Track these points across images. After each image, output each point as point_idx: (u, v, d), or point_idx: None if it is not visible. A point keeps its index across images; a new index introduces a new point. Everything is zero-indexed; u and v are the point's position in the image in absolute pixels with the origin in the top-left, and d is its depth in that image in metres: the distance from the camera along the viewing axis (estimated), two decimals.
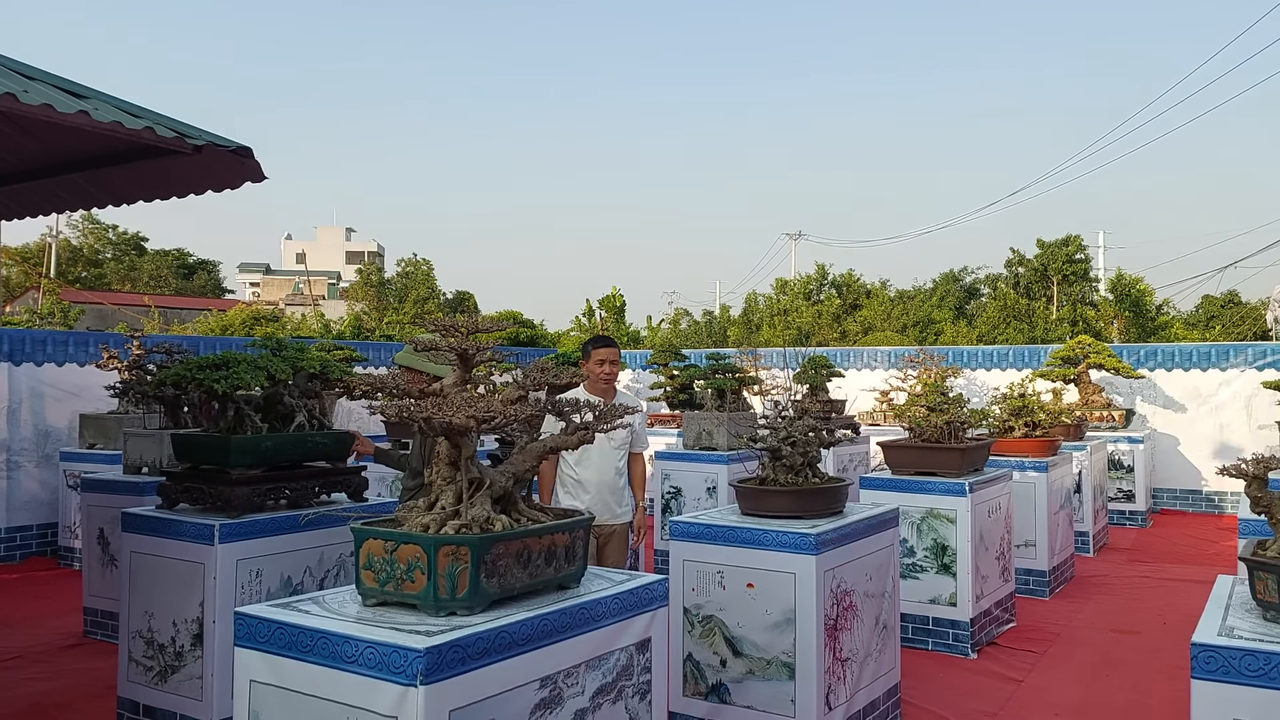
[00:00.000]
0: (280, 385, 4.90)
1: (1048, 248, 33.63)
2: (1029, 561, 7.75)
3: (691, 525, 4.48)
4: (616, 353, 5.36)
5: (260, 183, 4.68)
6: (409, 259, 41.20)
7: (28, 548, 9.41)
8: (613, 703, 2.94)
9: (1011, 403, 8.30)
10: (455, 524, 2.69)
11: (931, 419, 6.48)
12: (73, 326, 22.94)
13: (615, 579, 3.13)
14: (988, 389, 13.57)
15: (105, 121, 3.77)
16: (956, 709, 5.21)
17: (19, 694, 5.44)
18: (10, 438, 9.40)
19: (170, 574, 4.58)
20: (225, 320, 25.78)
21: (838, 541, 4.35)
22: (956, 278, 39.06)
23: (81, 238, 46.28)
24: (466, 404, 2.72)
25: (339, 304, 45.77)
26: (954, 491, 6.16)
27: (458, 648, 2.41)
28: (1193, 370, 12.95)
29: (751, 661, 4.29)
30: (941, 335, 30.74)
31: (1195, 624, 6.84)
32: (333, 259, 70.54)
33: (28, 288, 35.54)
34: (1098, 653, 6.28)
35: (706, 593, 4.41)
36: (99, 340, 10.13)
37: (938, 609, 6.22)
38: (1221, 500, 12.47)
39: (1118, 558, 9.50)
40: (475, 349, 2.93)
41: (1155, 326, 28.15)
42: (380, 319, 31.94)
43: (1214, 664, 2.50)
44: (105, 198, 5.50)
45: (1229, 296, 33.64)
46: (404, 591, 2.66)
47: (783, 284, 39.85)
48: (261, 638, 2.62)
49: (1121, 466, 11.33)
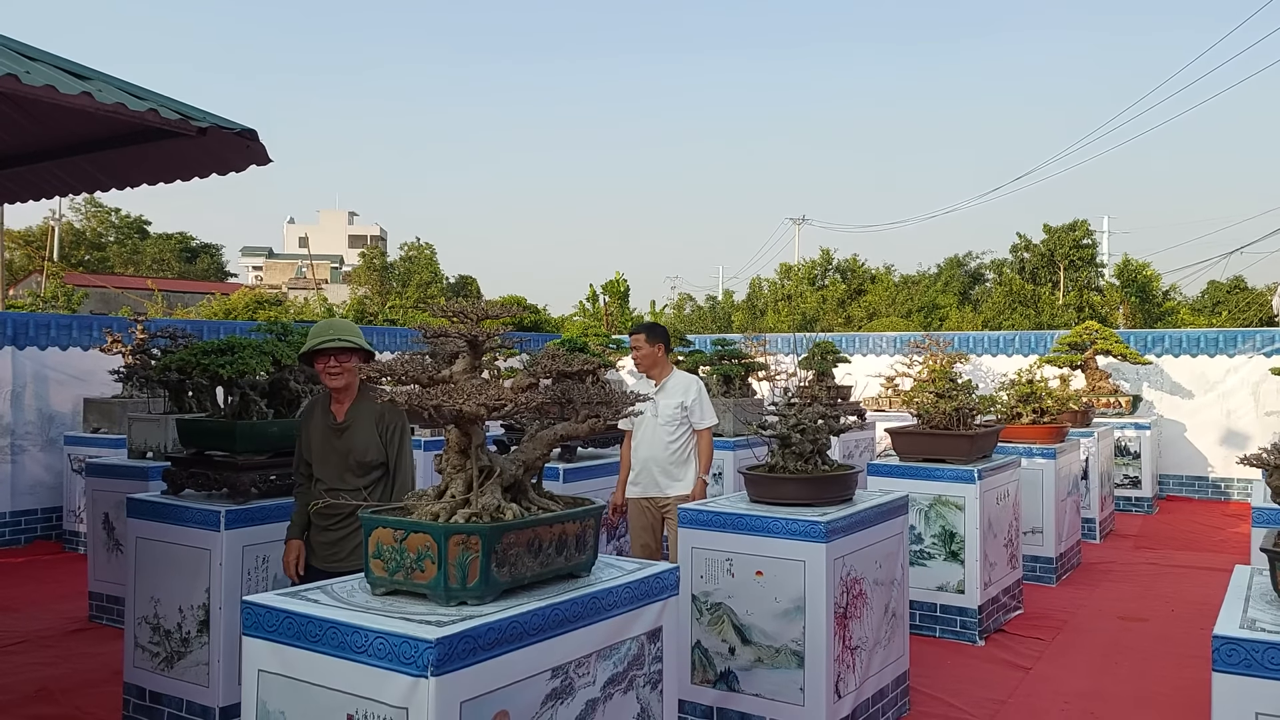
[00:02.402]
0: (285, 370, 4.87)
1: (1054, 233, 33.49)
2: (1036, 548, 7.72)
3: (700, 513, 4.45)
4: (637, 339, 5.74)
5: (265, 165, 4.62)
6: (412, 243, 41.13)
7: (32, 531, 9.42)
8: (624, 692, 2.91)
9: (1019, 389, 8.25)
10: (465, 512, 2.66)
11: (940, 406, 6.43)
12: (76, 310, 22.92)
13: (626, 568, 3.10)
14: (993, 375, 13.52)
15: (109, 103, 3.71)
16: (965, 697, 5.19)
17: (25, 679, 5.44)
18: (14, 422, 9.39)
19: (176, 560, 4.56)
20: (228, 304, 25.77)
21: (848, 529, 4.32)
22: (961, 263, 38.95)
23: (84, 221, 46.24)
24: (476, 391, 2.68)
25: (342, 288, 45.76)
26: (962, 478, 6.13)
27: (469, 638, 2.38)
28: (1200, 356, 12.89)
29: (760, 649, 4.27)
30: (946, 321, 30.65)
31: (1203, 611, 6.80)
32: (335, 243, 70.44)
33: (31, 271, 35.53)
34: (1105, 640, 6.26)
35: (715, 580, 4.38)
36: (103, 324, 10.11)
37: (946, 596, 6.20)
38: (1228, 486, 12.44)
39: (1124, 544, 9.47)
40: (485, 335, 2.89)
41: (1161, 312, 28.05)
42: (383, 303, 31.92)
43: (1235, 657, 2.47)
44: (109, 181, 5.44)
45: (1235, 282, 33.48)
46: (414, 581, 2.63)
47: (787, 269, 39.74)
48: (270, 627, 2.59)
49: (1128, 453, 11.30)
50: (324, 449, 4.04)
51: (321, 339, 3.95)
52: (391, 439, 4.04)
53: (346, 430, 4.01)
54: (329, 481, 4.01)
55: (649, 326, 5.79)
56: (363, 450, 3.99)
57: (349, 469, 4.00)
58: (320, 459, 4.05)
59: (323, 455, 4.04)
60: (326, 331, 3.98)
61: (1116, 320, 26.94)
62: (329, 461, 4.03)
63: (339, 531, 4.03)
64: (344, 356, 3.98)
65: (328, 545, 4.07)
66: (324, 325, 4.03)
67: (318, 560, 4.07)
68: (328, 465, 4.03)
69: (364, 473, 4.01)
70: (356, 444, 3.99)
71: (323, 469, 4.04)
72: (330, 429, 4.04)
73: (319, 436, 4.06)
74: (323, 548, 4.08)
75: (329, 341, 3.94)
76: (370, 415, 4.01)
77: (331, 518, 4.01)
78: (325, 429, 4.05)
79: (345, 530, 4.01)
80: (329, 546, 4.06)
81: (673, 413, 5.60)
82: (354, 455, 3.99)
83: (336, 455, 4.02)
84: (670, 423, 5.60)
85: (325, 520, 4.04)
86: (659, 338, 5.73)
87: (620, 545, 6.59)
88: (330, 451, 4.03)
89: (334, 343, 3.94)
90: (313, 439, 4.09)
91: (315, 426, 4.09)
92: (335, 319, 4.21)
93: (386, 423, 4.02)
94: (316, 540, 4.09)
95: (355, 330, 4.05)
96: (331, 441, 4.03)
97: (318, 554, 4.08)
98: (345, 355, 3.98)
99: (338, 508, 3.93)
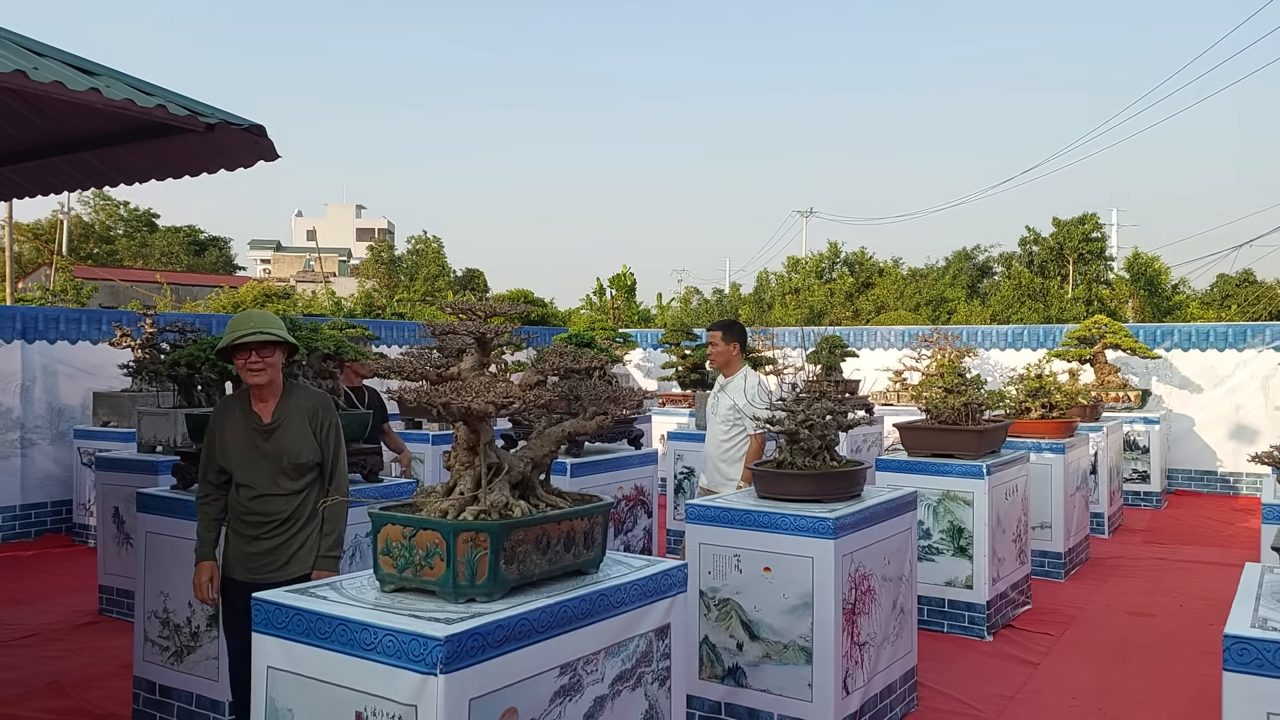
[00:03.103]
0: (295, 366, 4.87)
1: (1064, 226, 33.31)
2: (1045, 544, 7.70)
3: (708, 508, 4.45)
4: (714, 335, 5.86)
5: (273, 161, 4.63)
6: (419, 237, 41.11)
7: (42, 525, 9.46)
8: (632, 689, 2.91)
9: (1028, 384, 8.23)
10: (474, 510, 2.66)
11: (949, 401, 6.42)
12: (85, 304, 23.01)
13: (634, 564, 3.09)
14: (1002, 369, 13.48)
15: (116, 99, 3.72)
16: (974, 692, 5.19)
17: (36, 672, 5.47)
18: (24, 415, 9.43)
19: (186, 555, 4.54)
20: (237, 298, 25.78)
21: (856, 526, 4.31)
22: (969, 256, 38.79)
23: (93, 214, 46.34)
24: (485, 389, 2.67)
25: (350, 281, 45.81)
26: (971, 474, 6.11)
27: (477, 635, 2.38)
28: (1209, 350, 12.83)
29: (768, 645, 4.27)
30: (954, 314, 30.55)
31: (1212, 607, 6.75)
32: (343, 236, 70.57)
33: (40, 264, 35.65)
34: (1114, 636, 6.24)
35: (723, 576, 4.38)
36: (112, 318, 10.14)
37: (954, 591, 6.19)
38: (1237, 481, 12.39)
39: (1133, 539, 9.45)
40: (493, 333, 2.88)
41: (1170, 306, 27.92)
42: (391, 296, 31.94)
43: (1247, 656, 2.46)
44: (117, 176, 5.46)
45: (1244, 275, 33.27)
46: (422, 578, 2.63)
47: (794, 262, 39.63)
48: (279, 624, 2.60)
49: (1137, 447, 11.26)
50: (249, 453, 3.68)
51: (240, 333, 3.60)
52: (327, 437, 3.76)
53: (276, 431, 3.68)
54: (260, 487, 3.67)
55: (726, 325, 5.92)
56: (296, 451, 3.68)
57: (283, 472, 3.68)
58: (245, 464, 3.68)
59: (249, 459, 3.68)
60: (245, 324, 3.63)
61: (1125, 314, 26.82)
62: (257, 466, 3.68)
63: (274, 539, 3.70)
64: (266, 351, 3.63)
65: (260, 556, 3.70)
66: (243, 318, 3.67)
67: (245, 573, 3.70)
68: (256, 470, 3.68)
69: (299, 475, 3.71)
70: (289, 445, 3.68)
71: (250, 474, 3.68)
72: (255, 430, 3.68)
73: (241, 440, 3.69)
74: (253, 559, 3.71)
75: (249, 335, 3.59)
76: (302, 413, 3.72)
77: (265, 525, 3.69)
78: (249, 431, 3.69)
79: (282, 537, 3.70)
80: (262, 557, 3.70)
81: (727, 412, 5.70)
82: (288, 457, 3.67)
83: (266, 459, 3.67)
84: (725, 421, 5.70)
85: (256, 529, 3.69)
86: (734, 336, 5.85)
87: (628, 539, 6.60)
88: (258, 455, 3.68)
89: (255, 336, 3.59)
90: (232, 443, 3.70)
91: (234, 429, 3.71)
92: (254, 311, 3.82)
93: (320, 420, 3.75)
94: (245, 551, 3.72)
95: (277, 322, 3.71)
96: (258, 444, 3.68)
97: (245, 566, 3.72)
98: (268, 350, 3.64)
99: (270, 514, 3.66)
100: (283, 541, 3.70)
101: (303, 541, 3.72)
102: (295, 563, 3.70)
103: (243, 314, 3.71)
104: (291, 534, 3.71)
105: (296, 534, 3.72)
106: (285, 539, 3.70)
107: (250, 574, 3.68)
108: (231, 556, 3.78)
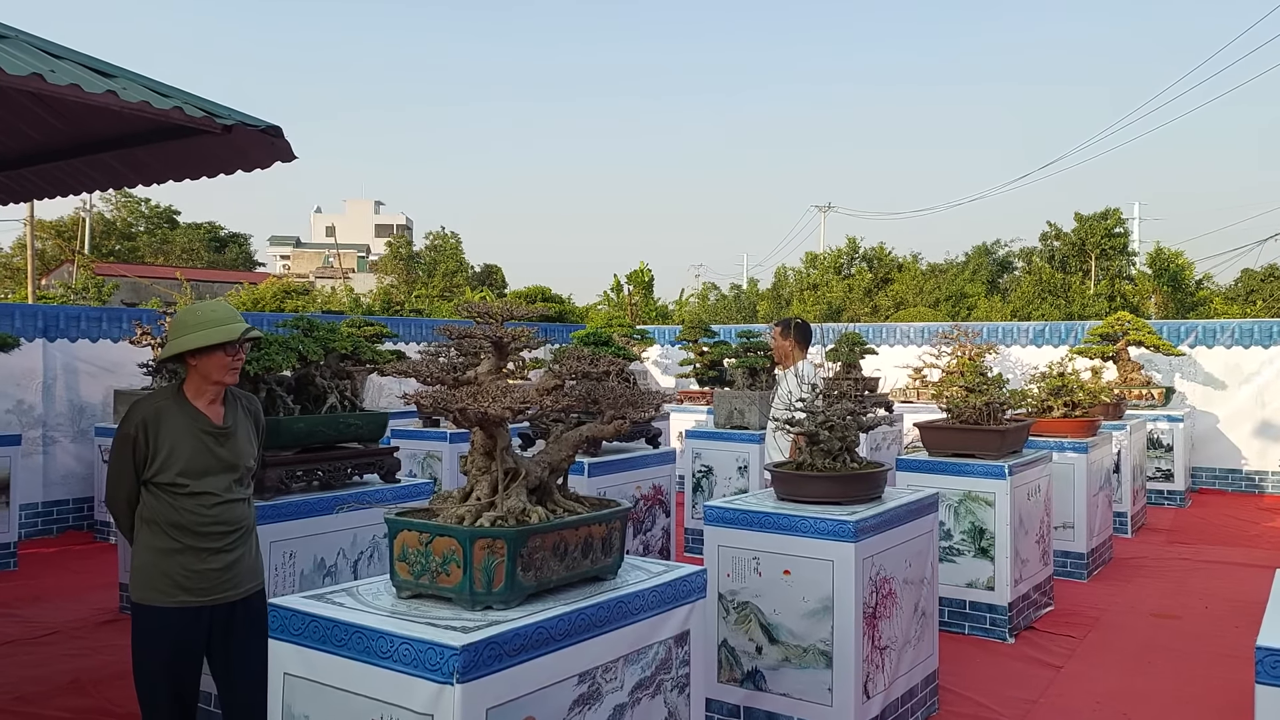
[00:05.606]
0: (312, 366, 4.87)
1: (1086, 221, 33.03)
2: (1067, 544, 7.62)
3: (727, 510, 4.41)
4: (775, 331, 6.54)
5: (290, 162, 4.62)
6: (437, 232, 41.29)
7: (64, 522, 9.53)
8: (651, 696, 2.88)
9: (1051, 382, 8.14)
10: (491, 515, 2.63)
11: (970, 400, 6.35)
12: (107, 301, 23.19)
13: (653, 570, 3.06)
14: (1023, 366, 13.36)
15: (133, 101, 3.72)
16: (996, 696, 5.13)
17: (58, 669, 5.50)
18: (45, 413, 9.50)
19: None
20: (256, 294, 25.96)
21: (877, 528, 4.26)
22: (989, 251, 38.50)
23: (115, 211, 46.76)
24: (502, 394, 2.65)
25: (368, 277, 46.02)
26: (993, 474, 6.05)
27: (495, 644, 2.35)
28: (1234, 347, 12.67)
29: (788, 649, 4.23)
30: (974, 310, 30.33)
31: (1237, 609, 6.66)
32: (362, 232, 70.87)
33: (62, 261, 35.99)
34: (1138, 638, 6.16)
35: (742, 579, 4.34)
36: (132, 316, 10.20)
37: (975, 593, 6.13)
38: (1262, 480, 12.24)
39: (1156, 539, 9.34)
40: (510, 337, 2.85)
41: (1194, 302, 27.61)
42: (409, 292, 32.05)
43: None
44: (135, 177, 5.48)
45: (1269, 270, 32.86)
46: (439, 585, 2.60)
47: (813, 257, 39.45)
48: (295, 630, 2.58)
49: (1160, 445, 11.13)
50: (204, 459, 3.33)
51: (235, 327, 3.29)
52: (262, 441, 3.65)
53: (231, 436, 3.42)
54: (222, 494, 3.36)
55: (785, 322, 6.52)
56: (248, 456, 3.48)
57: (238, 479, 3.44)
58: (200, 471, 3.31)
59: (204, 466, 3.32)
60: (235, 318, 3.33)
61: (1148, 310, 26.56)
62: (211, 472, 3.34)
63: (237, 550, 3.42)
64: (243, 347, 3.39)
65: (222, 572, 3.37)
66: (229, 311, 3.36)
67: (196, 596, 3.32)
68: (211, 477, 3.34)
69: (247, 481, 3.51)
70: (243, 450, 3.46)
71: (205, 481, 3.32)
72: (209, 434, 3.35)
73: (192, 445, 3.31)
74: (213, 576, 3.35)
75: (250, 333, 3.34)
76: (249, 417, 3.55)
77: (230, 535, 3.39)
78: (200, 435, 3.33)
79: (243, 548, 3.45)
80: (223, 573, 3.37)
81: (777, 405, 6.04)
82: (242, 463, 3.44)
83: (223, 465, 3.37)
84: (773, 417, 5.88)
85: (219, 540, 3.36)
86: (790, 333, 6.45)
87: (646, 539, 6.57)
88: (214, 461, 3.35)
89: (254, 332, 3.38)
90: (180, 448, 3.29)
91: (178, 432, 3.30)
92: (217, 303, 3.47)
93: (260, 423, 3.61)
94: (200, 570, 3.32)
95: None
96: (214, 450, 3.36)
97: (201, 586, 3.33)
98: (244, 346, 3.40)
99: (234, 522, 3.39)
100: (243, 553, 3.46)
101: (255, 552, 3.58)
102: (251, 575, 3.52)
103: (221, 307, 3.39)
104: (250, 544, 3.51)
105: (252, 544, 3.55)
106: (244, 550, 3.47)
107: (209, 594, 3.35)
108: (174, 580, 3.31)
